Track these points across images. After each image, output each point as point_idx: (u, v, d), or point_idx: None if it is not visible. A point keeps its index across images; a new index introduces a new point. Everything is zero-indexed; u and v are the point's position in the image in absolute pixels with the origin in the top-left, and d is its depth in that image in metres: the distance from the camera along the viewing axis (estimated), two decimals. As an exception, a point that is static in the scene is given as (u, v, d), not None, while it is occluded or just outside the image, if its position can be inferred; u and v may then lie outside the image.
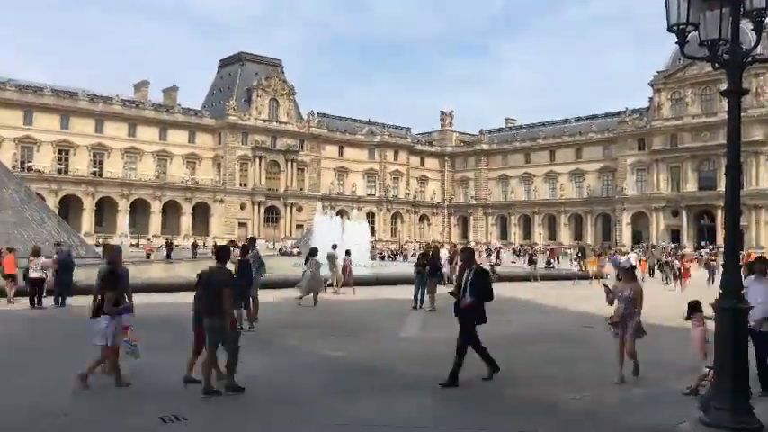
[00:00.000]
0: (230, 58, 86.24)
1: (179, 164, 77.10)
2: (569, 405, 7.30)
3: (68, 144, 69.78)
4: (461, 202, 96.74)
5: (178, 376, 7.79)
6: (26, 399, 6.99)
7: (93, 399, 7.14)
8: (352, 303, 18.11)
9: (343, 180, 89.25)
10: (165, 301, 15.52)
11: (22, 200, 31.74)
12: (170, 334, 10.74)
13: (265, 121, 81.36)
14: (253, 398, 7.25)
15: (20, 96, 67.34)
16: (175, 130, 77.36)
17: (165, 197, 74.34)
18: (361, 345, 11.03)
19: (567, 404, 7.33)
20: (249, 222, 79.09)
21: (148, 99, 79.43)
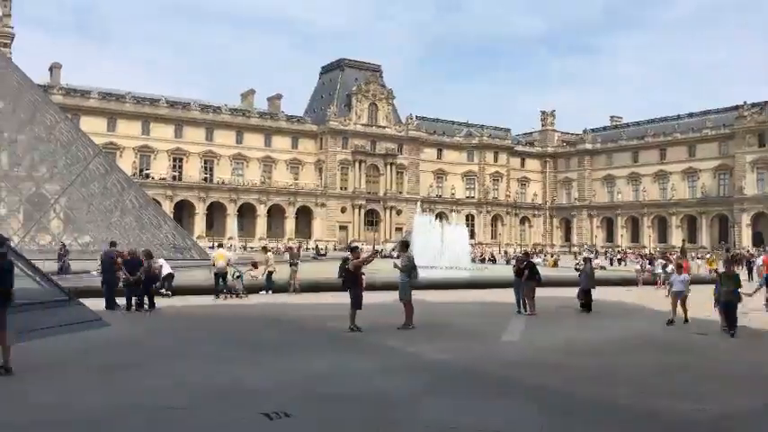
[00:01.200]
0: (331, 65, 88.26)
1: (283, 169, 79.72)
2: (692, 416, 6.87)
3: (182, 152, 73.87)
4: (564, 203, 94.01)
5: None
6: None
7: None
8: (450, 306, 17.99)
9: (441, 182, 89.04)
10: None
11: (141, 205, 33.83)
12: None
13: (365, 125, 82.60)
14: (353, 398, 7.32)
15: (138, 108, 71.99)
16: (279, 136, 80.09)
17: (270, 201, 77.07)
18: (463, 348, 10.91)
19: (689, 415, 6.90)
20: (350, 225, 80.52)
21: (254, 107, 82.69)
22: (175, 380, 7.99)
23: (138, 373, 8.34)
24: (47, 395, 7.16)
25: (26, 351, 9.26)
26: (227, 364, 9.06)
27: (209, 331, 12.36)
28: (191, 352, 10.07)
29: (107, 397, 7.09)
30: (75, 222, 32.05)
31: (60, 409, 6.58)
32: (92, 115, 67.57)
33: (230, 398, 7.14)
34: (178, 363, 9.15)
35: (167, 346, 10.55)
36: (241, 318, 14.46)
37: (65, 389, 7.49)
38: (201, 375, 8.31)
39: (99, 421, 6.21)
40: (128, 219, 32.65)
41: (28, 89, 30.81)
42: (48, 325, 10.34)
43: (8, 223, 29.71)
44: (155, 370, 8.59)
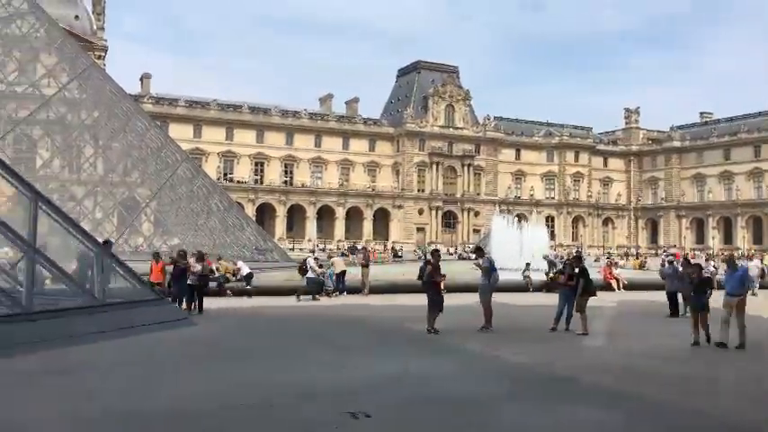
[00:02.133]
0: (408, 67, 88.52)
1: (360, 172, 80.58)
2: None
3: (263, 156, 75.96)
4: (650, 203, 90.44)
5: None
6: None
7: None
8: (530, 308, 17.65)
9: (520, 183, 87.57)
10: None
11: (226, 208, 35.04)
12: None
13: (442, 127, 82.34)
14: (432, 400, 7.29)
15: (222, 114, 74.59)
16: (357, 139, 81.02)
17: (348, 204, 78.07)
18: (544, 351, 10.68)
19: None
20: (427, 227, 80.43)
21: (332, 111, 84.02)
22: (259, 378, 8.20)
23: (224, 371, 8.61)
24: (137, 388, 7.49)
25: (121, 346, 9.77)
26: (308, 364, 9.23)
27: (289, 331, 12.63)
28: (273, 351, 10.31)
29: (194, 392, 7.36)
30: (165, 225, 33.54)
31: (146, 401, 6.87)
32: (179, 122, 70.55)
33: (312, 397, 7.26)
34: (261, 361, 9.40)
35: (250, 345, 10.85)
36: (320, 318, 14.70)
37: (150, 383, 7.82)
38: (284, 374, 8.50)
39: (184, 416, 6.45)
40: (213, 221, 33.88)
41: (121, 99, 32.47)
42: (140, 322, 10.87)
43: (103, 226, 31.41)
44: (239, 368, 8.85)
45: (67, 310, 10.31)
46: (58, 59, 31.39)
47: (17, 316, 9.13)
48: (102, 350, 9.50)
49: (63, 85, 30.42)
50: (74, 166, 34.78)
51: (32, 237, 9.98)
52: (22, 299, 9.42)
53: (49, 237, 11.77)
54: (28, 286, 9.59)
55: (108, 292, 10.99)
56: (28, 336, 8.98)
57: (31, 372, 8.03)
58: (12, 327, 8.94)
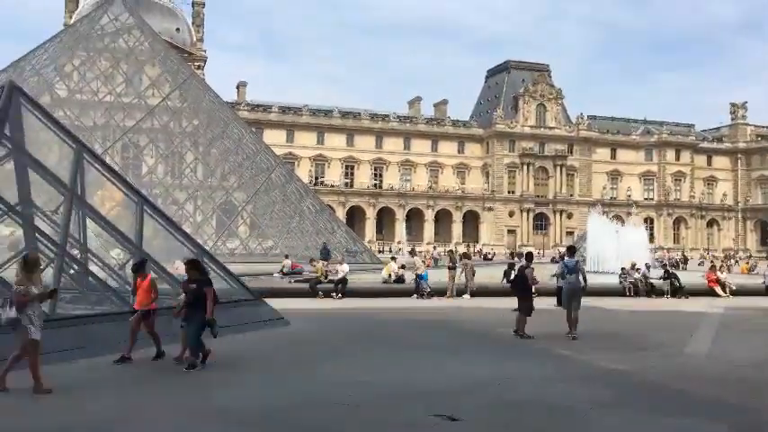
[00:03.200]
0: (497, 68, 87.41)
1: (449, 174, 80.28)
2: None
3: (353, 160, 77.13)
4: (760, 204, 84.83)
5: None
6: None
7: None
8: (626, 314, 16.94)
9: (616, 184, 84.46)
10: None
11: (317, 211, 35.81)
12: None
13: (532, 127, 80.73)
14: (523, 405, 7.14)
15: (313, 119, 76.36)
16: (445, 141, 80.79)
17: (437, 206, 77.94)
18: (640, 358, 10.22)
19: None
20: (518, 230, 79.05)
21: (421, 114, 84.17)
22: (351, 377, 8.31)
23: (319, 370, 8.77)
24: (236, 386, 7.76)
25: (221, 345, 10.16)
26: (398, 365, 9.26)
27: (382, 332, 12.71)
28: (366, 351, 10.42)
29: (290, 391, 7.55)
30: (260, 228, 34.68)
31: (244, 399, 7.10)
32: (273, 128, 72.81)
33: (406, 398, 7.27)
34: (355, 361, 9.52)
35: (342, 345, 11.00)
36: (413, 320, 14.71)
37: (247, 382, 8.07)
38: (375, 374, 8.57)
39: (281, 413, 6.62)
40: (305, 224, 34.70)
41: (219, 107, 33.93)
42: (238, 322, 11.27)
43: (203, 229, 32.87)
44: (334, 367, 8.99)
45: (170, 309, 10.82)
46: (161, 71, 33.16)
47: (126, 314, 9.68)
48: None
49: (166, 95, 32.13)
50: (176, 172, 36.59)
51: (139, 239, 10.58)
52: (129, 297, 9.97)
53: (153, 239, 12.41)
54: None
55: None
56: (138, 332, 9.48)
57: (140, 366, 8.49)
58: (120, 324, 9.49)
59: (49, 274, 10.11)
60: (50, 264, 10.15)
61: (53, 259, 9.84)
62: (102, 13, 32.38)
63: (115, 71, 32.75)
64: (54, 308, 8.84)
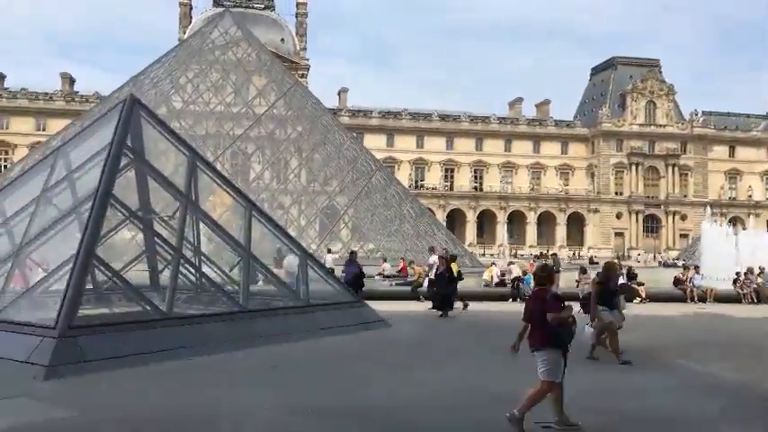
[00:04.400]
0: (602, 65, 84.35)
1: (552, 175, 78.25)
2: None
3: (453, 162, 76.80)
4: None
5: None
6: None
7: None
8: (749, 322, 15.79)
9: (735, 183, 79.21)
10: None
11: (417, 214, 35.94)
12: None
13: (641, 125, 77.23)
14: (638, 417, 6.80)
15: (413, 123, 76.72)
16: (548, 142, 78.83)
17: (539, 208, 76.18)
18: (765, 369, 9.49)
19: None
20: (626, 232, 75.83)
21: (522, 115, 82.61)
22: (451, 381, 8.22)
23: (420, 373, 8.77)
24: (339, 386, 7.89)
25: (325, 345, 10.39)
26: (506, 369, 9.07)
27: (485, 335, 12.51)
28: (468, 354, 10.30)
29: (389, 392, 7.58)
30: (361, 231, 35.24)
31: (344, 398, 7.20)
32: (373, 133, 73.80)
33: (512, 402, 7.11)
34: (456, 363, 9.42)
35: (443, 348, 10.93)
36: (513, 324, 14.38)
37: (350, 382, 8.18)
38: (479, 377, 8.43)
39: (378, 411, 6.67)
40: (406, 227, 34.92)
41: (321, 113, 34.84)
42: (341, 323, 11.48)
43: (307, 233, 33.80)
44: (435, 369, 8.94)
45: (277, 310, 11.20)
46: (267, 80, 34.48)
47: (236, 314, 10.10)
48: (309, 348, 10.15)
49: (271, 103, 33.36)
50: (281, 177, 37.87)
51: (247, 242, 11.00)
52: (239, 298, 10.40)
53: (260, 242, 12.88)
54: (244, 287, 10.57)
55: (312, 294, 11.74)
56: (245, 332, 9.89)
57: (250, 366, 8.81)
58: (232, 324, 9.92)
59: (166, 275, 10.73)
60: (168, 266, 10.74)
61: (170, 261, 10.41)
62: (213, 28, 34.14)
63: (225, 82, 34.41)
64: (171, 307, 9.35)
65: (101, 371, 7.74)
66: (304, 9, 76.80)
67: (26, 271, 10.05)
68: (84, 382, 7.40)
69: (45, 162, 11.45)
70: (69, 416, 6.19)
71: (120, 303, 10.34)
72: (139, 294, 9.44)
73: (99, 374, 7.67)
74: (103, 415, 6.32)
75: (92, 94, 67.75)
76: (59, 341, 7.67)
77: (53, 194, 10.44)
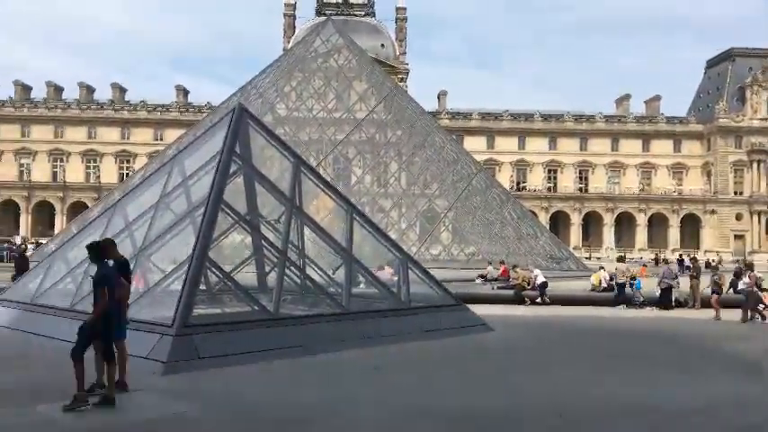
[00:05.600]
0: (718, 57, 79.33)
1: (663, 174, 74.45)
2: None
3: (556, 163, 74.72)
4: None
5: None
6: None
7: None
8: None
9: None
10: None
11: (519, 217, 35.26)
12: None
13: (763, 119, 71.94)
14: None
15: (514, 124, 75.26)
16: (658, 140, 75.07)
17: (650, 210, 72.68)
18: None
19: None
20: (747, 234, 70.85)
21: (630, 112, 79.15)
22: (553, 389, 7.97)
23: (519, 379, 8.59)
24: (435, 388, 7.86)
25: (426, 348, 10.40)
26: (608, 378, 8.72)
27: (587, 342, 12.11)
28: (568, 362, 9.96)
29: (492, 395, 7.47)
30: (461, 234, 35.02)
31: (448, 400, 7.15)
32: (473, 135, 73.15)
33: (623, 414, 6.83)
34: (556, 371, 9.15)
35: (545, 355, 10.65)
36: (623, 331, 13.81)
37: (448, 386, 8.12)
38: (580, 387, 8.13)
39: (479, 413, 6.58)
40: (507, 230, 34.36)
41: (420, 116, 34.96)
42: (442, 326, 11.46)
43: (407, 235, 34.01)
44: (534, 377, 8.72)
45: (379, 312, 11.32)
46: (367, 86, 35.06)
47: (339, 315, 10.31)
48: (410, 350, 10.20)
49: (372, 108, 33.88)
50: (381, 181, 38.34)
51: (349, 245, 11.21)
52: (342, 300, 10.60)
53: (362, 245, 13.09)
54: (347, 289, 10.77)
55: (413, 297, 11.79)
56: (348, 334, 10.08)
57: (354, 367, 8.97)
58: (335, 325, 10.13)
59: (272, 276, 11.12)
60: (274, 268, 11.13)
61: (276, 264, 10.77)
62: (315, 37, 35.14)
63: (327, 89, 35.30)
64: (278, 308, 9.67)
65: (214, 367, 8.14)
66: (403, 14, 77.45)
67: (146, 272, 10.71)
68: (199, 378, 7.80)
69: (162, 170, 12.18)
70: (189, 410, 6.54)
71: (231, 303, 10.83)
72: (249, 295, 9.83)
73: (213, 371, 8.07)
74: (220, 410, 6.62)
75: (204, 105, 71.47)
76: (176, 339, 8.12)
77: (170, 200, 11.08)
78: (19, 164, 73.33)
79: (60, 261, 12.08)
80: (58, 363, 8.55)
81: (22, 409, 6.37)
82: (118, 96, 78.62)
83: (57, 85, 79.10)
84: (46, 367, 8.42)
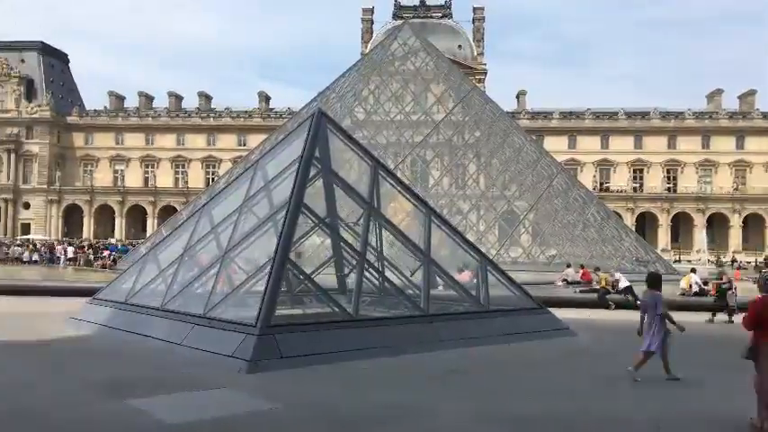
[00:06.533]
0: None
1: (760, 172, 70.29)
2: None
3: (642, 162, 71.98)
4: None
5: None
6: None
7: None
8: None
9: None
10: None
11: (603, 218, 34.16)
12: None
13: None
14: None
15: (596, 123, 73.07)
16: (754, 136, 70.98)
17: (744, 210, 68.85)
18: None
19: None
20: None
21: (722, 108, 75.26)
22: (647, 397, 7.67)
23: (608, 383, 8.31)
24: (526, 392, 7.71)
25: (508, 351, 10.26)
26: (703, 387, 8.31)
27: (686, 353, 11.53)
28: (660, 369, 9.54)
29: (579, 401, 7.27)
30: (542, 236, 34.29)
31: (529, 405, 7.01)
32: (554, 135, 71.52)
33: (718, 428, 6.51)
34: (644, 377, 8.79)
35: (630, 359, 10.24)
36: (729, 341, 13.11)
37: (537, 390, 7.95)
38: (677, 398, 7.79)
39: (569, 422, 6.41)
40: (590, 232, 33.36)
41: (499, 117, 34.49)
42: (522, 330, 11.26)
43: (486, 237, 33.61)
44: (624, 381, 8.40)
45: (458, 315, 11.26)
46: (445, 87, 34.97)
47: (418, 318, 10.31)
48: (489, 354, 10.07)
49: (449, 110, 33.76)
50: (459, 183, 38.10)
51: (427, 247, 11.20)
52: (421, 302, 10.60)
53: (440, 247, 13.05)
54: (425, 291, 10.76)
55: (492, 300, 11.64)
56: (427, 336, 10.07)
57: (433, 369, 8.95)
58: (414, 327, 10.15)
59: (351, 278, 11.26)
60: (353, 270, 11.26)
61: (355, 266, 10.90)
62: (393, 40, 35.35)
63: (404, 91, 35.43)
64: (357, 310, 9.78)
65: (295, 367, 8.33)
66: (481, 14, 76.74)
67: (231, 273, 11.08)
68: (282, 377, 8.00)
69: (245, 174, 12.58)
70: (273, 407, 6.71)
71: (312, 305, 11.04)
72: (329, 297, 10.00)
73: (294, 370, 8.26)
74: (302, 408, 6.76)
75: (285, 110, 73.31)
76: (259, 339, 8.36)
77: (253, 204, 11.42)
78: (113, 170, 77.56)
79: (152, 263, 12.67)
80: (148, 359, 9.04)
81: (115, 401, 6.72)
82: (204, 104, 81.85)
83: (147, 95, 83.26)
84: (137, 363, 8.86)
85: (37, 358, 9.30)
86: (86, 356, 9.47)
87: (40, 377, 7.97)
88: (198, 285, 10.79)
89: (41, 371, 8.36)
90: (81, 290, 16.99)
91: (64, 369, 8.51)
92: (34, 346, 10.28)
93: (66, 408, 6.55)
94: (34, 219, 74.44)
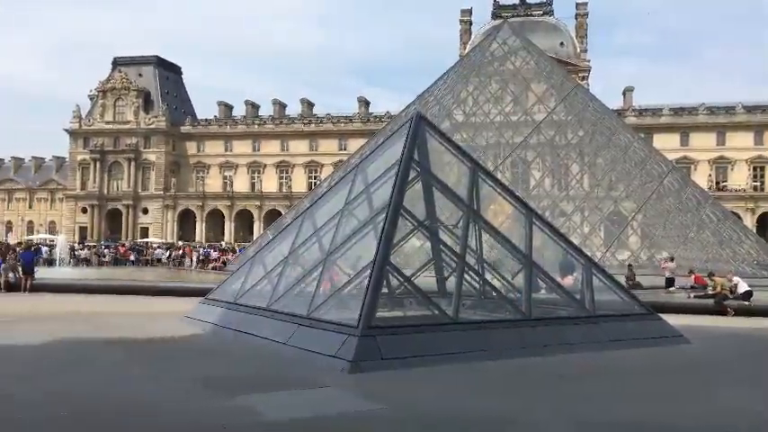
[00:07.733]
0: None
1: None
2: None
3: (763, 159, 67.41)
4: None
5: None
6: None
7: None
8: None
9: None
10: None
11: (719, 219, 32.13)
12: None
13: None
14: None
15: (711, 119, 68.91)
16: None
17: None
18: None
19: None
20: None
21: None
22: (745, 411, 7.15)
23: (728, 395, 7.80)
24: (642, 401, 7.39)
25: (615, 358, 9.86)
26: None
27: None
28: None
29: (695, 413, 6.88)
30: (652, 238, 32.69)
31: (639, 415, 6.69)
32: (663, 132, 68.10)
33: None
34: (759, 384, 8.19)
35: (756, 370, 9.57)
36: None
37: (635, 398, 7.59)
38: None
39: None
40: (705, 234, 31.49)
41: (603, 116, 33.23)
42: (630, 336, 10.78)
43: (591, 240, 32.44)
44: (746, 394, 7.87)
45: (562, 319, 10.94)
46: (546, 86, 34.11)
47: (520, 322, 10.11)
48: (595, 360, 9.72)
49: (551, 109, 32.89)
50: (562, 184, 37.02)
51: (529, 250, 10.95)
52: (522, 306, 10.39)
53: (542, 250, 12.74)
54: (527, 295, 10.53)
55: (598, 305, 11.23)
56: (529, 340, 9.85)
57: (536, 374, 8.75)
58: (515, 331, 9.96)
59: (451, 281, 11.21)
60: (453, 272, 11.21)
61: (455, 268, 10.84)
62: (492, 40, 34.91)
63: (504, 92, 34.88)
64: (457, 313, 9.72)
65: (396, 368, 8.40)
66: (584, 9, 74.47)
67: (333, 275, 11.33)
68: (383, 378, 8.08)
69: (346, 178, 12.84)
70: (377, 408, 6.79)
71: (412, 307, 11.08)
72: (429, 299, 9.99)
73: (396, 372, 8.32)
74: (406, 410, 6.78)
75: (384, 114, 74.22)
76: (361, 339, 8.49)
77: (353, 207, 11.63)
78: (223, 176, 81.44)
79: (258, 264, 13.18)
80: (255, 357, 9.41)
81: (225, 398, 7.02)
82: (306, 110, 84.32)
83: (254, 103, 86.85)
84: (245, 361, 9.23)
85: (153, 355, 9.90)
86: (198, 354, 9.98)
87: (154, 373, 8.47)
88: (302, 287, 11.11)
89: (156, 367, 8.88)
90: (197, 290, 17.96)
91: (178, 366, 9.00)
92: (151, 343, 10.95)
93: (177, 402, 6.92)
94: (152, 223, 79.46)
